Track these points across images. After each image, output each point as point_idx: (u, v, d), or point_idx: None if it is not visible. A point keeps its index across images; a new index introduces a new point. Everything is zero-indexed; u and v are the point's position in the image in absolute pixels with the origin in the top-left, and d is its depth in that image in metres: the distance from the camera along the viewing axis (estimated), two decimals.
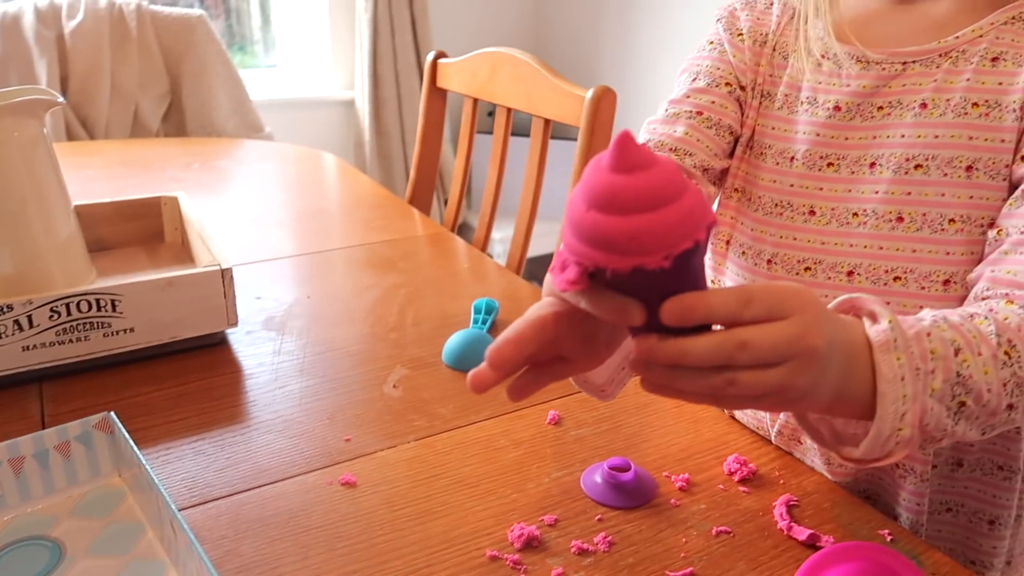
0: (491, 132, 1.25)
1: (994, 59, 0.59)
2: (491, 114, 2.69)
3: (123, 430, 0.55)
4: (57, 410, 0.66)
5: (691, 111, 0.68)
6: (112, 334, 0.71)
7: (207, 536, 0.52)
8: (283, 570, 0.49)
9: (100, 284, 0.71)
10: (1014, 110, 0.57)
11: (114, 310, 0.70)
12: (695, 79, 0.71)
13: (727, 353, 0.36)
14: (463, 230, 1.21)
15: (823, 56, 0.65)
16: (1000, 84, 0.58)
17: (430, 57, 1.34)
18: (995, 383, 0.44)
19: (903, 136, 0.61)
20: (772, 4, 0.71)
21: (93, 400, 0.67)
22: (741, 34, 0.71)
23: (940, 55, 0.61)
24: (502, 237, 2.34)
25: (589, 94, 1.00)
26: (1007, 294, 0.50)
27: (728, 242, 0.71)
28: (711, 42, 0.73)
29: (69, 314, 0.69)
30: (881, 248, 0.61)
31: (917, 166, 0.60)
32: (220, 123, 1.96)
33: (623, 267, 0.34)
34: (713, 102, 0.69)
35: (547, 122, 1.11)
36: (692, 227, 0.34)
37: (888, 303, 0.60)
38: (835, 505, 0.56)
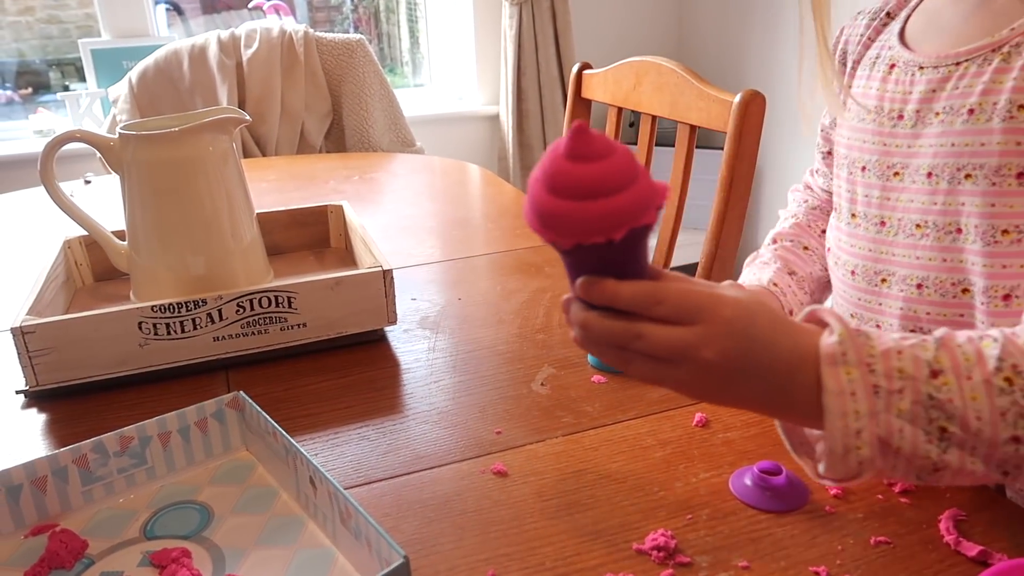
0: (633, 142, 1.25)
1: None
2: (632, 124, 2.69)
3: (255, 406, 0.60)
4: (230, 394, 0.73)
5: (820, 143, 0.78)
6: (288, 328, 0.78)
7: (372, 513, 0.56)
8: (441, 548, 0.53)
9: (277, 283, 0.78)
10: None
11: (290, 306, 0.77)
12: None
13: (623, 338, 0.41)
14: None
15: (891, 65, 0.64)
16: None
17: (575, 68, 1.37)
18: (986, 410, 0.40)
19: (953, 145, 0.57)
20: (859, 15, 0.72)
21: (271, 387, 0.74)
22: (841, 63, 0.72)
23: (993, 50, 0.55)
24: None
25: (737, 98, 0.99)
26: None
27: (828, 250, 0.72)
28: None
29: (252, 309, 0.76)
30: (944, 260, 0.58)
31: (967, 176, 0.56)
32: (376, 139, 2.08)
33: (566, 245, 0.39)
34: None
35: (693, 129, 1.11)
36: (632, 215, 0.38)
37: (962, 315, 0.58)
38: (1010, 522, 0.53)
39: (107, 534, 0.54)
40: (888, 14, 0.70)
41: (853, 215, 0.66)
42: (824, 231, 0.75)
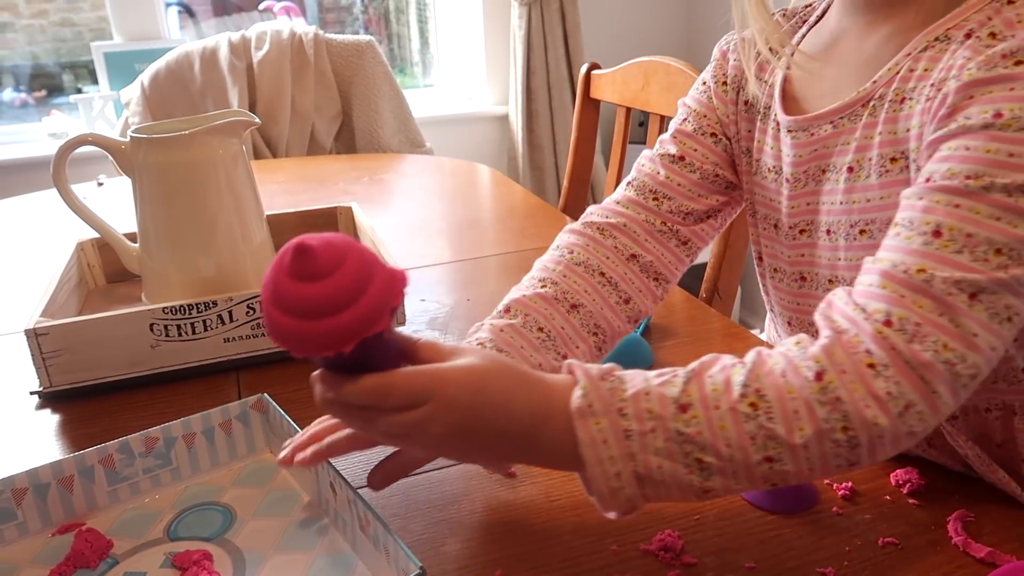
0: (642, 142, 1.25)
1: (902, 100, 0.51)
2: (642, 124, 2.69)
3: (278, 409, 0.61)
4: (251, 395, 0.73)
5: (674, 155, 0.67)
6: None
7: (382, 512, 0.56)
8: (449, 548, 0.53)
9: None
10: (914, 159, 0.50)
11: None
12: (685, 119, 0.69)
13: (361, 422, 0.43)
14: None
15: (777, 124, 0.62)
16: (908, 130, 0.51)
17: (584, 68, 1.37)
18: (734, 437, 0.41)
19: (842, 203, 0.56)
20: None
21: (281, 388, 0.74)
22: (725, 84, 0.67)
23: (862, 105, 0.54)
24: None
25: None
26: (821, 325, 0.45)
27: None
28: (704, 82, 0.70)
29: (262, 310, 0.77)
30: None
31: (861, 231, 0.55)
32: (386, 140, 2.09)
33: (297, 355, 0.40)
34: (696, 150, 0.67)
35: None
36: (359, 330, 0.38)
37: None
38: (1019, 523, 0.52)
39: (132, 534, 0.55)
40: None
41: (775, 270, 0.65)
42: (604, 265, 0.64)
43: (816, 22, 0.63)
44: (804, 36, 0.63)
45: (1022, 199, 0.41)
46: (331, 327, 0.38)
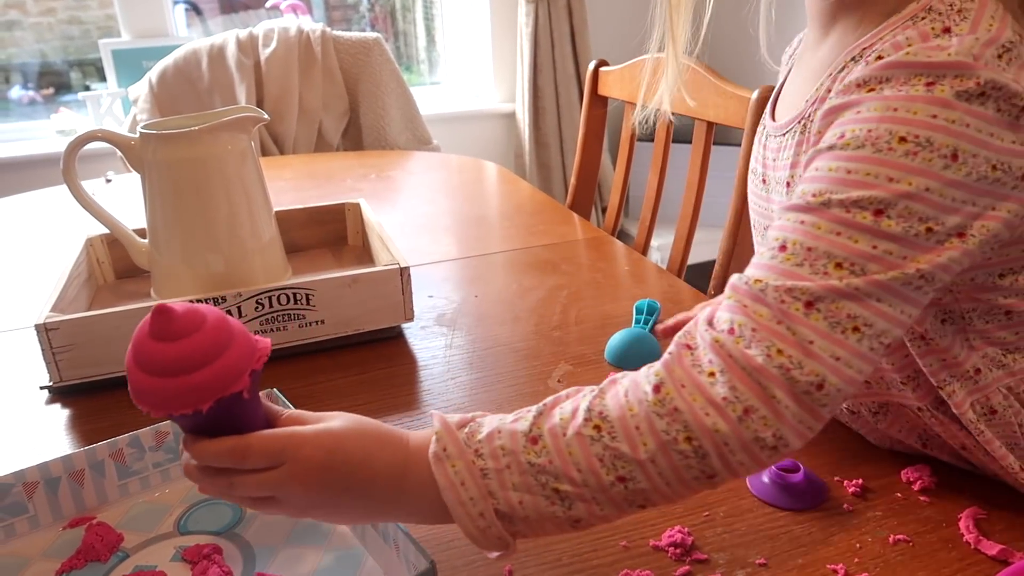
0: (650, 139, 1.25)
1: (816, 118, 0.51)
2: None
3: (288, 404, 0.60)
4: (261, 391, 0.74)
5: None
6: (306, 325, 0.79)
7: None
8: (458, 544, 0.53)
9: (295, 280, 0.78)
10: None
11: (308, 303, 0.78)
12: None
13: (222, 487, 0.43)
14: (621, 238, 1.22)
15: (763, 127, 0.62)
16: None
17: (592, 65, 1.37)
18: (583, 461, 0.41)
19: (789, 219, 0.56)
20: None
21: (290, 384, 0.75)
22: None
23: (799, 121, 0.54)
24: (660, 245, 2.32)
25: (755, 95, 0.99)
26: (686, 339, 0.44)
27: None
28: None
29: (271, 306, 0.77)
30: None
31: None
32: (393, 137, 2.09)
33: (157, 415, 0.41)
34: None
35: (710, 125, 1.10)
36: (217, 389, 0.40)
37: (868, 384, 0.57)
38: None
39: (142, 528, 0.55)
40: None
41: None
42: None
43: None
44: (802, 39, 0.64)
45: (859, 214, 0.41)
46: (187, 384, 0.40)
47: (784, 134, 0.57)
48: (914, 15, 0.46)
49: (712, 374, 0.41)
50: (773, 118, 0.61)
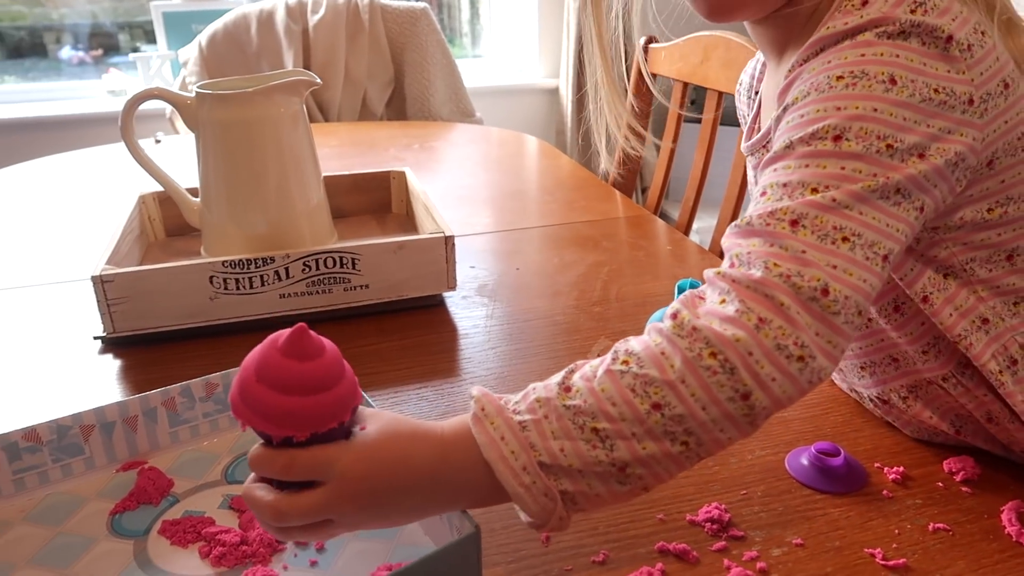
0: (697, 120, 1.23)
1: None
2: (694, 102, 2.64)
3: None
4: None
5: None
6: (351, 288, 0.80)
7: None
8: (496, 508, 0.54)
9: (342, 244, 0.80)
10: None
11: (353, 267, 0.79)
12: None
13: (268, 517, 0.42)
14: (662, 220, 1.21)
15: None
16: None
17: (641, 41, 1.35)
18: (616, 394, 0.41)
19: (765, 174, 0.57)
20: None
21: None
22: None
23: (762, 144, 0.57)
24: (699, 228, 2.29)
25: None
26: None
27: None
28: None
29: (317, 268, 0.78)
30: None
31: None
32: (436, 108, 2.09)
33: (277, 436, 0.41)
34: None
35: None
36: (338, 412, 0.41)
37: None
38: None
39: (191, 474, 0.57)
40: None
41: None
42: None
43: None
44: (756, 69, 0.67)
45: (820, 144, 0.44)
46: (317, 402, 0.40)
47: (753, 153, 0.61)
48: (839, 5, 0.48)
49: (723, 301, 0.42)
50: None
